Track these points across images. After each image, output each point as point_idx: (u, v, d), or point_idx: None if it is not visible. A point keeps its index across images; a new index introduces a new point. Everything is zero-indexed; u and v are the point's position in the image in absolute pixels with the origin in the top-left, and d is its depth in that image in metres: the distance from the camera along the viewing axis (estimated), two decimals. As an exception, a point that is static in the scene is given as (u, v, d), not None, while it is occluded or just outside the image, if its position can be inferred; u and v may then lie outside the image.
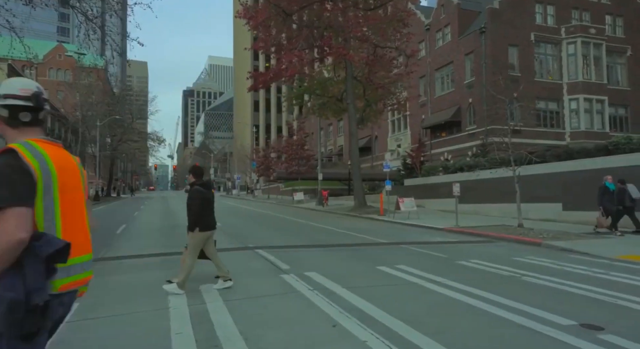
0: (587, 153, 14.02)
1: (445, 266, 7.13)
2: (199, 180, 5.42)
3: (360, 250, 8.86)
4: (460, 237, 11.44)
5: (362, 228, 13.70)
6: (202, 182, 5.40)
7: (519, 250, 9.12)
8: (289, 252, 8.32)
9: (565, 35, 29.56)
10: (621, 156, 12.49)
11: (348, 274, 6.23)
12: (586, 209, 13.46)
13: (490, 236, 11.21)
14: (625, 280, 6.06)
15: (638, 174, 11.83)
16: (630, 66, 31.37)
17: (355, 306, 4.44)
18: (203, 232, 5.23)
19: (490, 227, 12.54)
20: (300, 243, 9.75)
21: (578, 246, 9.10)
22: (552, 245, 9.43)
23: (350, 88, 20.96)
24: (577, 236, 10.66)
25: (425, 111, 35.07)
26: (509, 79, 28.56)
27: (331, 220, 17.21)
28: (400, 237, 11.36)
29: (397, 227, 14.52)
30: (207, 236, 5.31)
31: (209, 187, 5.47)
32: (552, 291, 5.38)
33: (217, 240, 5.72)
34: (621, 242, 9.71)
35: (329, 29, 19.81)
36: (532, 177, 15.48)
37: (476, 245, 9.98)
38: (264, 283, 5.58)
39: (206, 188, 5.36)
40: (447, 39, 32.79)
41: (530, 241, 10.07)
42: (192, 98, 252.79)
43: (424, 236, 11.57)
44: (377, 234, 11.79)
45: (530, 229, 11.62)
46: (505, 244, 10.19)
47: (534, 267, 7.03)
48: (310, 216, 19.85)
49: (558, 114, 29.70)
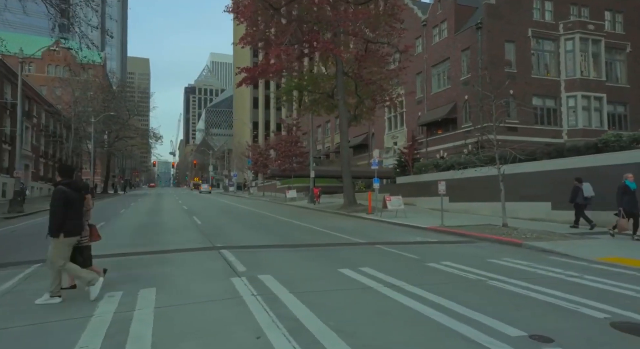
0: (578, 151, 13.63)
1: (413, 268, 6.80)
2: (66, 179, 4.95)
3: (330, 250, 8.54)
4: (442, 237, 11.10)
5: (345, 227, 13.39)
6: (67, 182, 4.91)
7: (498, 251, 8.77)
8: (254, 253, 8.01)
9: (564, 31, 29.02)
10: (610, 154, 12.10)
11: (304, 278, 5.92)
12: (575, 208, 13.09)
13: (473, 236, 10.86)
14: (596, 284, 5.72)
15: (628, 172, 11.42)
16: (629, 63, 30.81)
17: (293, 314, 4.12)
18: (68, 237, 4.75)
19: (475, 227, 12.19)
20: (272, 243, 9.44)
21: (559, 247, 8.76)
22: (533, 246, 9.08)
23: (341, 84, 20.60)
24: (562, 237, 10.31)
25: (421, 108, 34.63)
26: (505, 76, 28.20)
27: (317, 218, 16.90)
28: (379, 236, 11.04)
29: (382, 226, 14.19)
30: (72, 242, 4.84)
31: (77, 187, 4.98)
32: (514, 296, 5.05)
33: (190, 239, 5.39)
34: (604, 243, 9.34)
35: (319, 24, 19.44)
36: (521, 175, 15.11)
37: (455, 246, 9.64)
38: (209, 287, 5.27)
39: (72, 188, 4.88)
40: (444, 35, 32.31)
41: (512, 242, 9.72)
42: (193, 95, 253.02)
43: (405, 236, 11.23)
44: (356, 234, 11.47)
45: (514, 228, 11.26)
46: (486, 244, 9.85)
47: (506, 270, 6.70)
48: (297, 214, 19.55)
49: (555, 112, 29.22)
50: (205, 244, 9.05)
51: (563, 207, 13.49)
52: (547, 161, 14.27)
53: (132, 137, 49.77)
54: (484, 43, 28.02)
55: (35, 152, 37.20)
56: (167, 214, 18.56)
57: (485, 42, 27.93)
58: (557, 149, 14.63)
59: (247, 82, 19.88)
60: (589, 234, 10.79)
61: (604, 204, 12.21)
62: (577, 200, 11.40)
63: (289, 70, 20.27)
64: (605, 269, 6.95)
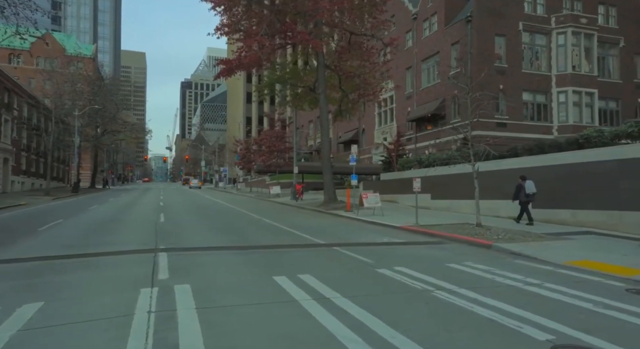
0: (559, 147, 13.01)
1: (358, 276, 6.18)
2: None
3: (280, 254, 7.90)
4: (411, 238, 10.49)
5: (315, 226, 12.76)
6: None
7: (464, 253, 8.16)
8: (193, 257, 7.36)
9: (555, 25, 28.30)
10: (591, 151, 11.48)
11: (227, 288, 5.28)
12: (555, 206, 12.51)
13: (443, 236, 10.25)
14: (554, 295, 5.11)
15: (608, 168, 10.84)
16: (622, 58, 30.16)
17: (176, 340, 3.48)
18: None
19: (449, 227, 11.58)
20: (223, 244, 8.79)
21: (529, 249, 8.16)
22: (503, 248, 8.48)
23: (322, 77, 19.88)
24: (537, 237, 9.71)
25: (411, 104, 33.95)
26: (494, 70, 27.52)
27: (291, 216, 16.27)
28: (345, 237, 10.41)
29: (354, 225, 13.57)
30: None
31: None
32: (455, 313, 4.42)
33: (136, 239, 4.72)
34: (578, 245, 8.74)
35: (299, 15, 18.68)
36: (503, 172, 14.50)
37: (420, 247, 9.02)
38: (104, 302, 4.61)
39: None
40: (434, 29, 31.54)
41: (482, 243, 9.12)
42: (190, 90, 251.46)
43: (373, 236, 10.61)
44: (322, 234, 10.84)
45: (488, 228, 10.66)
46: (454, 246, 9.24)
47: (461, 277, 6.08)
48: (274, 211, 18.92)
49: (546, 107, 28.59)
50: (148, 245, 8.39)
51: (543, 205, 12.91)
52: (528, 158, 13.65)
53: (119, 131, 48.81)
54: (473, 37, 27.29)
55: (16, 146, 36.33)
56: (137, 210, 17.88)
57: (475, 36, 27.20)
58: (539, 145, 14.02)
59: (224, 74, 19.14)
60: (566, 235, 10.19)
61: (582, 201, 11.64)
62: (520, 198, 11.90)
63: (266, 62, 19.51)
64: (569, 275, 6.36)
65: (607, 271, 6.47)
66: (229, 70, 18.74)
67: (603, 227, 10.97)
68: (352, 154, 17.19)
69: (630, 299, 5.04)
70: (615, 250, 8.20)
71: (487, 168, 15.20)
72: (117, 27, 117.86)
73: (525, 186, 11.79)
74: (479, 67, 26.97)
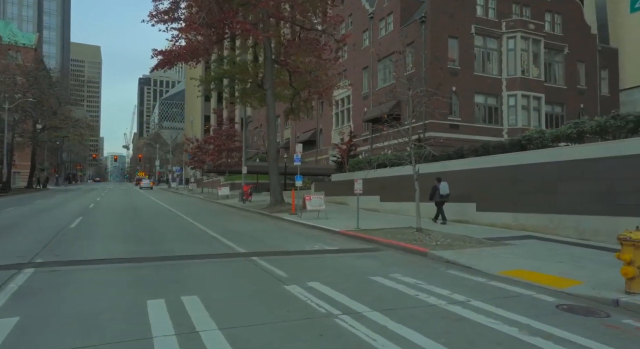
0: (503, 148, 12.70)
1: (258, 296, 5.17)
2: None
3: (182, 267, 6.75)
4: (346, 244, 9.65)
5: (248, 231, 11.66)
6: None
7: (395, 263, 7.39)
8: (66, 274, 6.06)
9: (506, 29, 28.84)
10: (532, 153, 11.18)
11: (68, 320, 4.10)
12: (498, 209, 12.14)
13: (380, 242, 9.49)
14: (475, 317, 4.35)
15: (548, 171, 10.54)
16: (566, 65, 31.30)
17: None
18: None
19: (390, 231, 10.86)
20: (120, 256, 7.49)
21: (464, 257, 7.51)
22: (438, 256, 7.79)
23: (270, 72, 18.78)
24: (477, 243, 9.14)
25: (367, 104, 33.56)
26: (447, 72, 27.60)
27: (229, 220, 15.07)
28: (273, 244, 9.40)
29: (292, 229, 12.59)
30: None
31: None
32: (341, 348, 3.52)
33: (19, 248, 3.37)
34: (515, 251, 8.23)
35: (244, 6, 17.49)
36: (449, 174, 14.05)
37: (351, 256, 8.17)
38: None
39: None
40: (390, 29, 31.32)
41: (418, 250, 8.41)
42: (148, 87, 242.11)
43: (305, 243, 9.67)
44: (250, 241, 9.77)
45: (428, 233, 10.02)
46: (389, 253, 8.47)
47: (381, 294, 5.23)
48: (213, 214, 17.60)
49: (497, 110, 29.04)
50: (22, 259, 6.94)
51: (488, 208, 12.53)
52: (474, 159, 13.27)
53: (60, 128, 45.06)
54: (427, 38, 27.23)
55: None
56: (54, 214, 15.93)
57: (429, 37, 27.15)
58: (484, 146, 13.70)
59: (163, 66, 17.58)
60: (506, 240, 9.72)
61: (524, 204, 11.32)
62: (435, 198, 12.69)
63: (206, 54, 18.13)
64: (500, 288, 5.69)
65: (540, 282, 5.87)
66: (167, 61, 17.24)
67: (544, 231, 10.66)
68: (297, 154, 16.21)
69: (559, 319, 4.38)
70: (552, 257, 7.72)
71: (434, 169, 14.75)
72: (66, 17, 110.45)
73: (440, 187, 12.54)
74: (433, 69, 27.00)
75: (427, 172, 15.02)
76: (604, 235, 9.29)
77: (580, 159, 9.76)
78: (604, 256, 7.49)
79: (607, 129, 9.48)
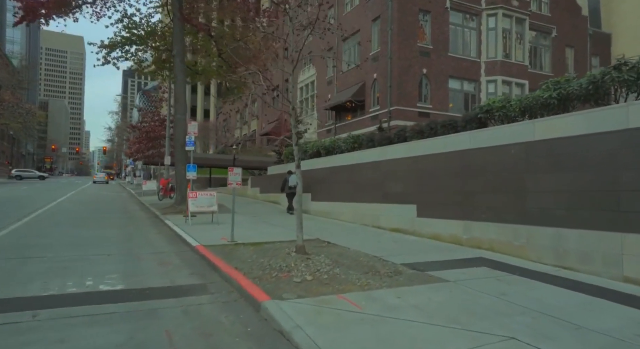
0: (454, 127, 8.90)
1: None
2: None
3: None
4: (171, 273, 5.72)
5: (92, 241, 7.67)
6: None
7: (186, 335, 3.48)
8: None
9: (486, 5, 25.10)
10: (494, 130, 7.35)
11: None
12: (445, 216, 8.29)
13: (224, 274, 5.55)
14: None
15: (512, 157, 6.73)
16: (554, 50, 27.71)
17: None
18: None
19: (266, 248, 6.95)
20: None
21: (325, 321, 3.63)
22: (279, 314, 3.90)
23: (178, 34, 14.75)
24: (385, 277, 5.28)
25: (332, 90, 29.66)
26: (417, 52, 23.82)
27: (105, 226, 11.04)
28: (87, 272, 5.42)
29: (149, 238, 8.61)
30: None
31: None
32: None
33: None
34: (431, 306, 4.39)
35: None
36: (387, 164, 10.20)
37: (131, 313, 4.24)
38: None
39: None
40: (355, 3, 27.42)
41: (255, 297, 4.48)
42: (132, 79, 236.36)
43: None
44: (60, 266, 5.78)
45: (309, 257, 6.07)
46: (203, 307, 4.56)
47: None
48: (95, 216, 13.55)
49: (474, 98, 25.31)
50: None
51: (431, 214, 8.69)
52: (415, 143, 9.43)
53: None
54: (394, 11, 23.34)
55: None
56: None
57: (397, 10, 23.26)
58: (431, 125, 9.92)
59: (29, 18, 13.40)
60: (440, 268, 5.86)
61: (479, 208, 7.50)
62: (285, 190, 13.52)
63: (90, 3, 14.00)
64: None
65: None
66: (32, 12, 13.07)
67: (505, 250, 6.86)
68: (189, 135, 12.19)
69: None
70: (504, 316, 3.88)
71: (370, 159, 10.91)
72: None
73: (289, 179, 13.28)
74: (400, 47, 23.20)
75: (365, 161, 11.19)
76: (599, 263, 5.52)
77: (561, 137, 5.96)
78: (607, 311, 3.68)
79: (606, 89, 5.71)
